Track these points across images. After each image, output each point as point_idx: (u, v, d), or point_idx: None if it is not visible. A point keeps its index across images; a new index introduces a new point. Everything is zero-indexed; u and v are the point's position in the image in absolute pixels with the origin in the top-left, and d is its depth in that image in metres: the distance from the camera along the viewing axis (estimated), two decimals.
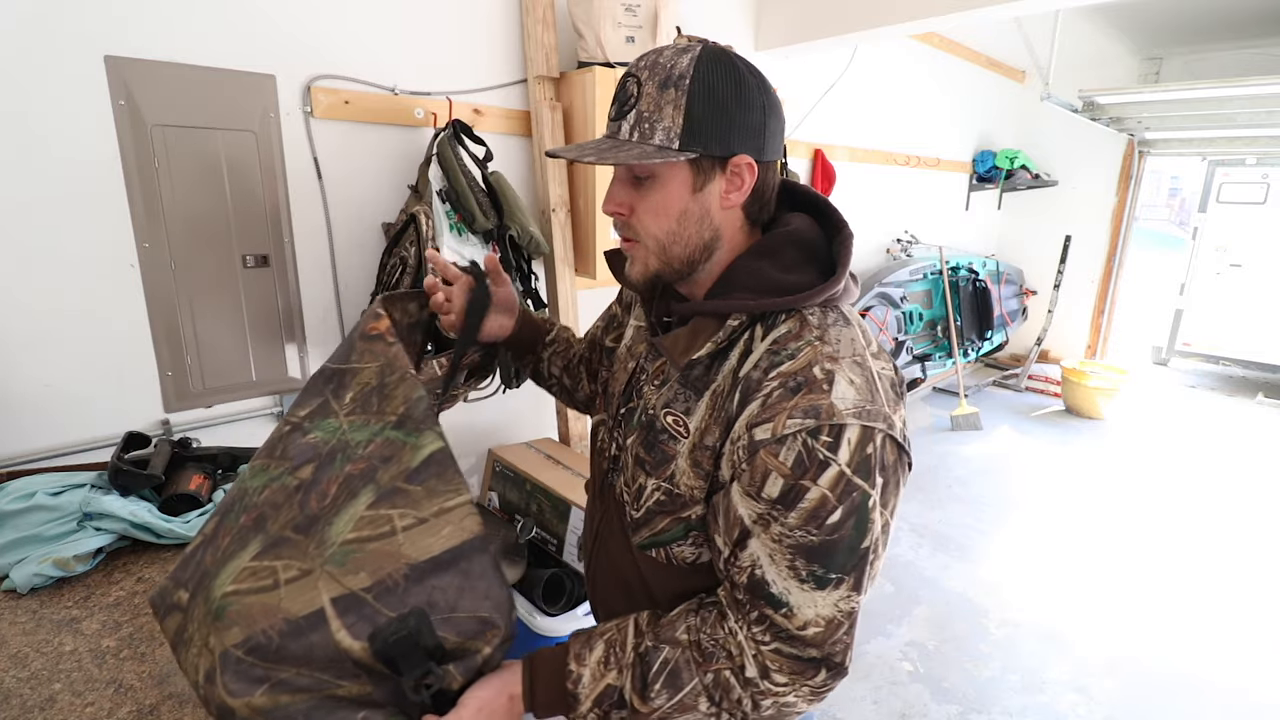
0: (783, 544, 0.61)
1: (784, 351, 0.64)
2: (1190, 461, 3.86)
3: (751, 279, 0.68)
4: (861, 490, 0.60)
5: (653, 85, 0.65)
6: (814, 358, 0.62)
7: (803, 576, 0.60)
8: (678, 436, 0.70)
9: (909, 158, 4.20)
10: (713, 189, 0.68)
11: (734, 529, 0.64)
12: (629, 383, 0.81)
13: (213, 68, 1.56)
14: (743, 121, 0.66)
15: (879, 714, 1.95)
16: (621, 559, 0.81)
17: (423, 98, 1.91)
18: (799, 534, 0.60)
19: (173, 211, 1.57)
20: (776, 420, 0.60)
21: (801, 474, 0.59)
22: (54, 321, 1.47)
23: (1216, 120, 4.23)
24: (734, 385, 0.66)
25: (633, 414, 0.78)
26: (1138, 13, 4.09)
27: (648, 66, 0.66)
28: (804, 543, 0.60)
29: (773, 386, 0.62)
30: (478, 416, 2.28)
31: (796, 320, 0.66)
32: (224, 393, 1.74)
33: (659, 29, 2.06)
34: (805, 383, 0.61)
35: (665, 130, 0.65)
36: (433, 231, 1.76)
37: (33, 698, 0.76)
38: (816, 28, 2.71)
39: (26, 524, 1.06)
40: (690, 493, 0.69)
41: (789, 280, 0.68)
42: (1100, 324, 5.43)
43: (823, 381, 0.61)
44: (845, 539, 0.60)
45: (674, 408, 0.71)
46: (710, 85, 0.64)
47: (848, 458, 0.59)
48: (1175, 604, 2.50)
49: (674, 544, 0.73)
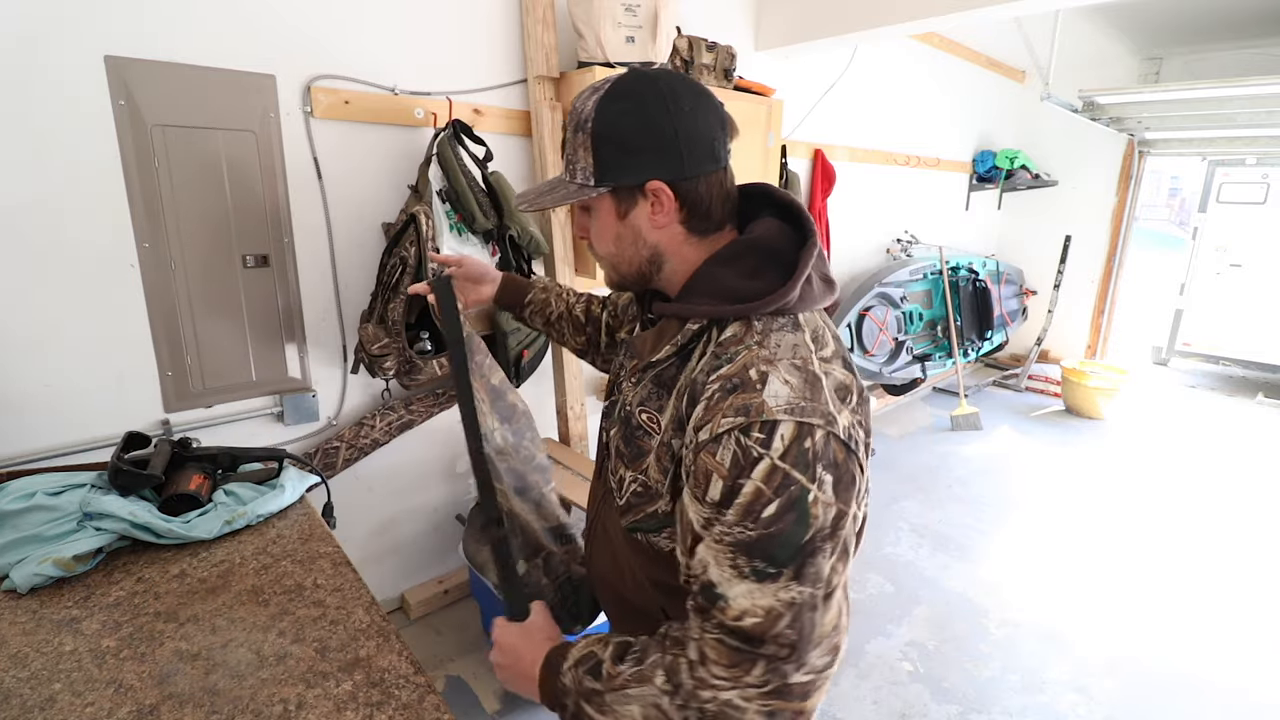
0: (723, 543, 0.61)
1: (724, 355, 0.67)
2: (1190, 461, 3.86)
3: (710, 285, 0.72)
4: (799, 484, 0.60)
5: (571, 129, 0.74)
6: (750, 360, 0.65)
7: (744, 573, 0.60)
8: (651, 433, 0.73)
9: (909, 158, 4.20)
10: (639, 213, 0.74)
11: (686, 535, 0.66)
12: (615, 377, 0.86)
13: (213, 68, 1.56)
14: (653, 148, 0.69)
15: (879, 714, 1.95)
16: (616, 536, 0.84)
17: (423, 98, 1.91)
18: (737, 530, 0.60)
19: (173, 211, 1.57)
20: (714, 421, 0.63)
21: (738, 473, 0.61)
22: (54, 321, 1.47)
23: (1216, 120, 4.23)
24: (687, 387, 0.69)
25: (614, 407, 0.83)
26: (1138, 13, 4.09)
27: (571, 111, 0.74)
28: (742, 539, 0.60)
29: (714, 389, 0.65)
30: None
31: (742, 326, 0.69)
32: (224, 393, 1.74)
33: (659, 29, 2.06)
34: (740, 384, 0.63)
35: (583, 170, 0.72)
36: (433, 231, 1.76)
37: (33, 698, 0.76)
38: (816, 28, 2.71)
39: (26, 524, 1.06)
40: (658, 487, 0.72)
41: (747, 287, 0.70)
42: (1100, 324, 5.43)
43: (756, 382, 0.63)
44: (783, 532, 0.59)
45: (648, 405, 0.74)
46: (610, 124, 0.70)
47: (781, 452, 0.60)
48: (1175, 604, 2.50)
49: (652, 534, 0.76)
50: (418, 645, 2.10)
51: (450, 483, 2.30)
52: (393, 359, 1.78)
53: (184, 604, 0.94)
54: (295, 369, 1.85)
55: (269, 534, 1.14)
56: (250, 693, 0.78)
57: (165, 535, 1.08)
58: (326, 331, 1.90)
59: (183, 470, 1.19)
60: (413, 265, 1.75)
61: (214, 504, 1.18)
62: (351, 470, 2.01)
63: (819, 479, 0.60)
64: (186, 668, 0.82)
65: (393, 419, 2.02)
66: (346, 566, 1.05)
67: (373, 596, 0.98)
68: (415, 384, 1.86)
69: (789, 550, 0.60)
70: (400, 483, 2.16)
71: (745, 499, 0.60)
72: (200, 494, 1.16)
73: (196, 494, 1.16)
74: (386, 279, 1.76)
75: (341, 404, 1.97)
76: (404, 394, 2.06)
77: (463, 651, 2.09)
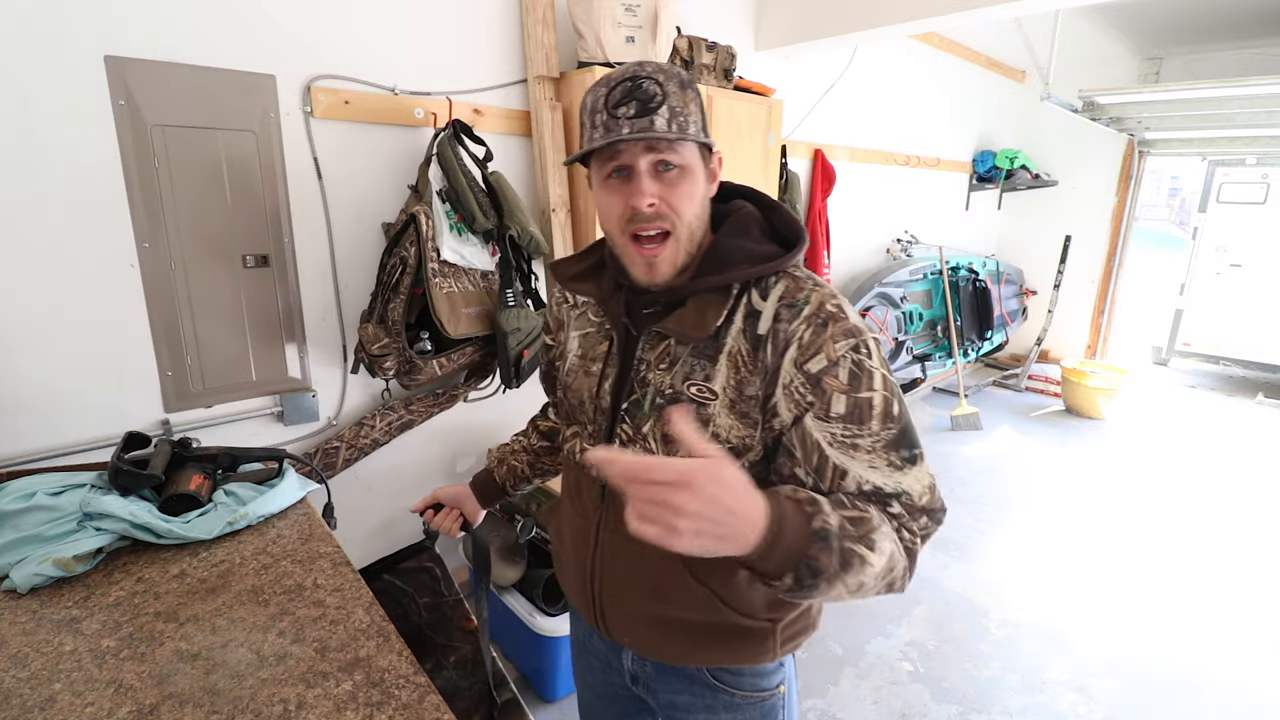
0: (877, 451, 0.71)
1: (797, 302, 0.75)
2: (1190, 461, 3.86)
3: (742, 254, 0.79)
4: (895, 380, 0.74)
5: (674, 86, 0.74)
6: (822, 298, 0.75)
7: (899, 465, 0.71)
8: (705, 402, 0.77)
9: (909, 158, 4.20)
10: (708, 179, 0.80)
11: (812, 454, 0.72)
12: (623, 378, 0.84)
13: (213, 68, 1.56)
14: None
15: (879, 714, 1.95)
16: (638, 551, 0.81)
17: (423, 98, 1.91)
18: (883, 433, 0.71)
19: (173, 211, 1.57)
20: (825, 349, 0.72)
21: (857, 386, 0.71)
22: (54, 321, 1.47)
23: (1216, 120, 4.23)
24: (758, 341, 0.75)
25: (640, 403, 0.81)
26: (1138, 13, 4.09)
27: (659, 70, 0.75)
28: (889, 438, 0.71)
29: (803, 329, 0.73)
30: (477, 416, 2.28)
31: (788, 279, 0.78)
32: (224, 393, 1.74)
33: (659, 29, 2.06)
34: (829, 317, 0.73)
35: (695, 124, 0.75)
36: (433, 231, 1.77)
37: (33, 698, 0.76)
38: (816, 28, 2.71)
39: (26, 524, 1.06)
40: (742, 442, 0.76)
41: (767, 250, 0.79)
42: (1100, 324, 5.43)
43: (840, 313, 0.74)
44: (904, 417, 0.72)
45: (694, 378, 0.77)
46: (700, 92, 0.79)
47: (879, 360, 0.73)
48: (1175, 604, 2.50)
49: None
50: None
51: (450, 483, 2.29)
52: (393, 359, 1.78)
53: (184, 604, 0.94)
54: (295, 369, 1.85)
55: (269, 534, 1.14)
56: (250, 693, 0.78)
57: (165, 535, 1.07)
58: (326, 331, 1.90)
59: (183, 470, 1.19)
60: (413, 265, 1.75)
61: (214, 504, 1.18)
62: (351, 470, 2.01)
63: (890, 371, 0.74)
64: (186, 668, 0.82)
65: (393, 419, 2.02)
66: (346, 566, 1.05)
67: (373, 596, 0.98)
68: (415, 384, 1.86)
69: (912, 429, 0.73)
70: (400, 483, 2.16)
71: (880, 406, 0.71)
72: (200, 494, 1.16)
73: (196, 494, 1.16)
74: (386, 279, 1.76)
75: (341, 404, 1.97)
76: (404, 394, 2.06)
77: None
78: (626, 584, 0.86)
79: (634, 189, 0.75)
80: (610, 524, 0.86)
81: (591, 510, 0.89)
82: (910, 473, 0.72)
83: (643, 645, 0.90)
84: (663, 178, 0.75)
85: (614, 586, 0.88)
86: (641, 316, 0.84)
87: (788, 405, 0.73)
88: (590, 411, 0.87)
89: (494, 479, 1.14)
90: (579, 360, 0.90)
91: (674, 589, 0.83)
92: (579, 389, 0.89)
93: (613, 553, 0.86)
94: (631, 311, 0.85)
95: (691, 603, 0.83)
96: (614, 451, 0.57)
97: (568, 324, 0.96)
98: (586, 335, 0.91)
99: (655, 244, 0.77)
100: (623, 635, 0.91)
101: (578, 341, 0.92)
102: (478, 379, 2.12)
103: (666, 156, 0.74)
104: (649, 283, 0.80)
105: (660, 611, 0.85)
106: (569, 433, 0.93)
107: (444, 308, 1.80)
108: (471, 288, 1.88)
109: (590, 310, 0.92)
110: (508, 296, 1.90)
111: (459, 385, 2.11)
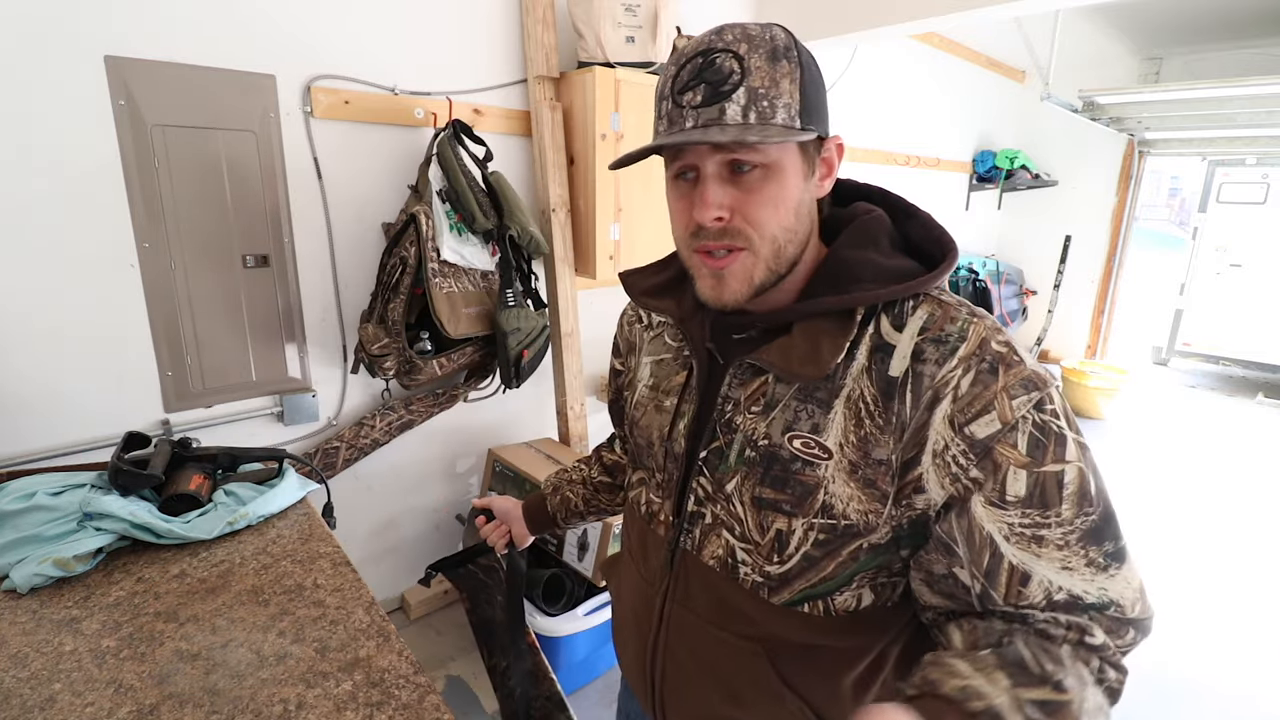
0: (1071, 545, 0.53)
1: (948, 336, 0.56)
2: (1190, 461, 3.85)
3: (869, 270, 0.61)
4: (1089, 447, 0.55)
5: (760, 57, 0.56)
6: (984, 333, 0.56)
7: (1102, 564, 0.53)
8: (815, 461, 0.60)
9: (909, 158, 4.20)
10: (812, 176, 0.63)
11: (983, 553, 0.55)
12: (702, 419, 0.68)
13: (213, 68, 1.56)
14: (825, 97, 0.61)
15: None
16: (712, 636, 0.67)
17: (423, 98, 1.91)
18: (1080, 522, 0.53)
19: (173, 211, 1.57)
20: (999, 407, 0.53)
21: (1041, 456, 0.53)
22: (54, 321, 1.47)
23: (1216, 120, 4.23)
24: (889, 386, 0.57)
25: (724, 453, 0.65)
26: (1138, 13, 4.09)
27: (742, 39, 0.57)
28: (1088, 527, 0.54)
29: (957, 376, 0.55)
30: (477, 416, 2.29)
31: (933, 304, 0.59)
32: (224, 393, 1.74)
33: (659, 29, 2.06)
34: (996, 359, 0.55)
35: (786, 108, 0.57)
36: (433, 231, 1.77)
37: (33, 698, 0.76)
38: (816, 28, 2.71)
39: (26, 524, 1.06)
40: (864, 519, 0.59)
41: (903, 266, 0.62)
42: (1100, 324, 5.42)
43: (1009, 354, 0.55)
44: (1105, 498, 0.55)
45: (799, 429, 0.60)
46: (809, 58, 0.59)
47: (1068, 421, 0.54)
48: (1175, 605, 2.50)
49: (837, 592, 0.63)
50: (418, 645, 2.10)
51: (450, 483, 2.30)
52: (393, 359, 1.78)
53: (184, 604, 0.94)
54: (295, 369, 1.85)
55: (269, 534, 1.14)
56: (250, 693, 0.78)
57: (165, 535, 1.07)
58: (326, 331, 1.90)
59: (183, 470, 1.19)
60: (413, 265, 1.75)
61: (214, 504, 1.18)
62: (351, 470, 2.01)
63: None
64: (186, 668, 0.82)
65: (393, 419, 2.02)
66: (346, 566, 1.05)
67: (373, 596, 0.98)
68: (415, 384, 1.86)
69: (1117, 517, 0.55)
70: (400, 483, 2.16)
71: (1075, 484, 0.53)
72: (200, 494, 1.16)
73: (196, 494, 1.16)
74: (386, 279, 1.76)
75: (341, 404, 1.97)
76: (404, 394, 2.06)
77: (463, 651, 2.08)
78: (695, 676, 0.70)
79: (698, 198, 0.60)
80: (680, 595, 0.70)
81: (659, 577, 0.72)
82: (1119, 575, 0.54)
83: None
84: (738, 181, 0.59)
85: (679, 677, 0.72)
86: (731, 343, 0.67)
87: (940, 481, 0.56)
88: (660, 457, 0.72)
89: (545, 507, 1.01)
90: (649, 392, 0.75)
91: (755, 692, 0.66)
92: (648, 427, 0.74)
93: (681, 633, 0.70)
94: (718, 336, 0.68)
95: (777, 712, 0.66)
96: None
97: (640, 347, 0.80)
98: (661, 362, 0.75)
99: (733, 253, 0.61)
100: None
101: (650, 369, 0.77)
102: (478, 379, 2.12)
103: (740, 155, 0.58)
104: (718, 302, 0.63)
105: (734, 716, 0.69)
106: (634, 478, 0.79)
107: (444, 308, 1.80)
108: (471, 288, 1.88)
109: (668, 332, 0.77)
110: (508, 296, 1.90)
111: (459, 385, 2.11)
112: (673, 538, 0.71)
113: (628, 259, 2.18)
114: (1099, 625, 0.53)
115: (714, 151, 0.58)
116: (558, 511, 1.00)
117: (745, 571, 0.65)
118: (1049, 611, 0.54)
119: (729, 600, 0.66)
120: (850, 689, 0.65)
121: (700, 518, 0.68)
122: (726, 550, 0.66)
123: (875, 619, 0.64)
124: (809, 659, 0.65)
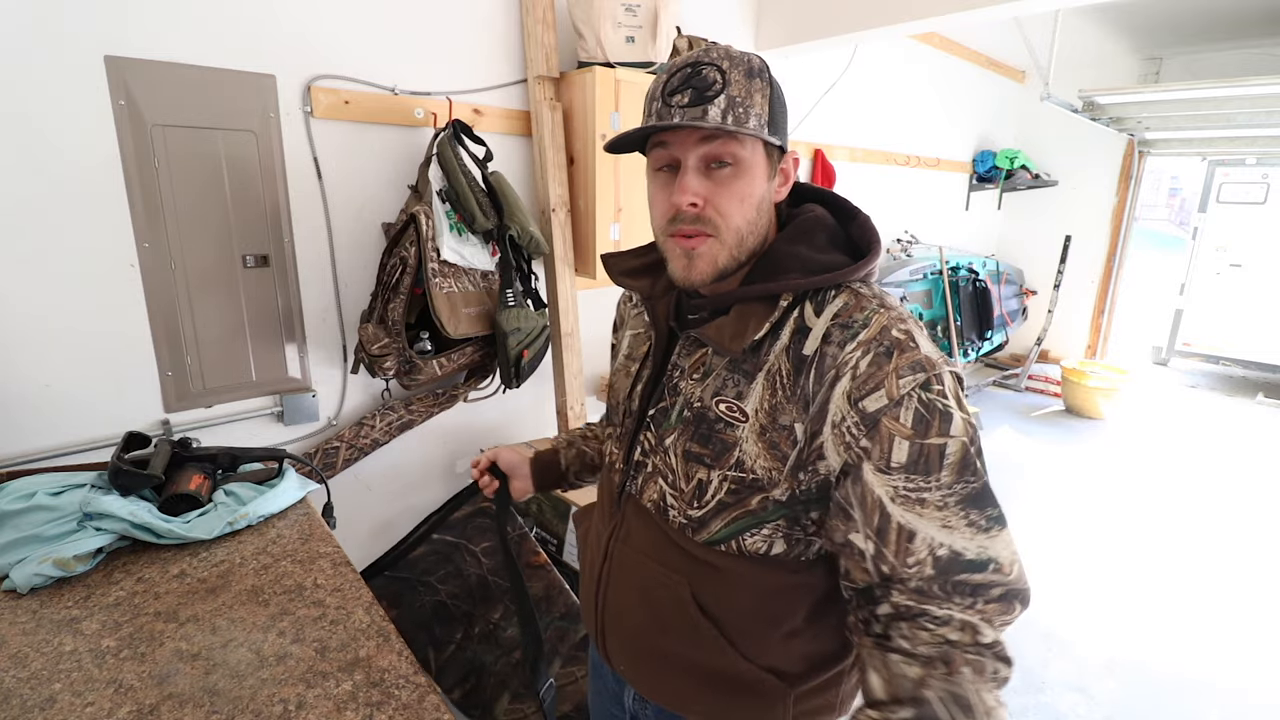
0: (950, 506, 0.60)
1: (852, 322, 0.66)
2: (1190, 461, 3.86)
3: (797, 261, 0.70)
4: (975, 425, 0.63)
5: (739, 73, 0.67)
6: (886, 322, 0.65)
7: (984, 525, 0.60)
8: (734, 423, 0.70)
9: (909, 158, 4.20)
10: (772, 180, 0.73)
11: (874, 513, 0.62)
12: (655, 383, 0.79)
13: (213, 68, 1.56)
14: (787, 120, 0.73)
15: None
16: (645, 569, 0.77)
17: (423, 98, 1.91)
18: (960, 488, 0.60)
19: (173, 211, 1.57)
20: (887, 384, 0.62)
21: (925, 430, 0.61)
22: (54, 321, 1.47)
23: (1216, 120, 4.23)
24: (800, 363, 0.66)
25: (668, 412, 0.76)
26: (1138, 13, 4.09)
27: (725, 57, 0.68)
28: (967, 493, 0.61)
29: (857, 357, 0.63)
30: (477, 416, 2.28)
31: (849, 294, 0.68)
32: (224, 393, 1.74)
33: (659, 29, 2.06)
34: (893, 345, 0.63)
35: (757, 116, 0.67)
36: (433, 231, 1.76)
37: (33, 698, 0.76)
38: (816, 28, 2.71)
39: (26, 524, 1.06)
40: (768, 475, 0.68)
41: (830, 259, 0.70)
42: (1100, 324, 5.42)
43: (907, 340, 0.64)
44: (985, 473, 0.62)
45: (725, 395, 0.71)
46: (778, 84, 0.71)
47: (956, 401, 0.63)
48: (1175, 604, 2.50)
49: (746, 534, 0.72)
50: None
51: (450, 482, 2.29)
52: (393, 359, 1.78)
53: (184, 604, 0.94)
54: (295, 369, 1.85)
55: (269, 534, 1.14)
56: (250, 693, 0.78)
57: (165, 535, 1.07)
58: (326, 331, 1.90)
59: (183, 470, 1.19)
60: (413, 265, 1.75)
61: (214, 504, 1.18)
62: (351, 470, 2.01)
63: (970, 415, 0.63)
64: (186, 668, 0.82)
65: (393, 419, 2.02)
66: (346, 566, 1.05)
67: (373, 596, 0.98)
68: (415, 384, 1.86)
69: (994, 494, 0.62)
70: (400, 483, 2.16)
71: (956, 455, 0.61)
72: (200, 494, 1.16)
73: (196, 494, 1.16)
74: (386, 279, 1.76)
75: (341, 404, 1.97)
76: (404, 394, 2.06)
77: None
78: (631, 606, 0.80)
79: (678, 185, 0.69)
80: (623, 534, 0.80)
81: (609, 516, 0.83)
82: (998, 537, 0.60)
83: (639, 680, 0.83)
84: (713, 175, 0.68)
85: (617, 607, 0.82)
86: (687, 322, 0.79)
87: (838, 449, 0.64)
88: (620, 413, 0.84)
89: (558, 461, 1.04)
90: (624, 360, 0.89)
91: (677, 619, 0.75)
92: (618, 388, 0.86)
93: (622, 567, 0.80)
94: (679, 315, 0.80)
95: (695, 638, 0.75)
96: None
97: (626, 322, 0.93)
98: (636, 335, 0.88)
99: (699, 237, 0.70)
100: (620, 664, 0.84)
101: (628, 341, 0.90)
102: (478, 379, 2.12)
103: (718, 151, 0.67)
104: (687, 280, 0.73)
105: (661, 643, 0.78)
106: (606, 433, 0.91)
107: (444, 308, 1.80)
108: (471, 288, 1.88)
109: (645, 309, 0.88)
110: (508, 296, 1.90)
111: (459, 385, 2.11)
112: (621, 482, 0.82)
113: None
114: (983, 600, 0.59)
115: (697, 145, 0.68)
116: (571, 466, 1.05)
117: (673, 514, 0.75)
118: (936, 577, 0.60)
119: (661, 538, 0.77)
120: (761, 625, 0.74)
121: (643, 466, 0.79)
122: (660, 495, 0.77)
123: (785, 566, 0.73)
124: (724, 592, 0.74)
